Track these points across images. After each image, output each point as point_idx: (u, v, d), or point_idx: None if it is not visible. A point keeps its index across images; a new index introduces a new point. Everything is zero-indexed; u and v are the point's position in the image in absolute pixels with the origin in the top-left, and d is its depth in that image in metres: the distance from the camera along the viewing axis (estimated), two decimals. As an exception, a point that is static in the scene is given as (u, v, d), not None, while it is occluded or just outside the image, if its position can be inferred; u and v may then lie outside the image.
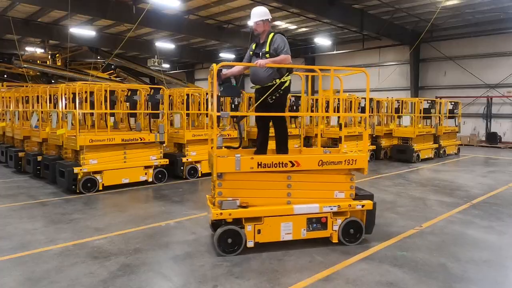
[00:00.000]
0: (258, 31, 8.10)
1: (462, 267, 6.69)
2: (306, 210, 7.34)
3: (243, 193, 7.12)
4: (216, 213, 6.79)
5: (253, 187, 7.23)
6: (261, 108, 7.99)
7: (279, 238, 7.28)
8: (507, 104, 29.34)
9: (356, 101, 19.94)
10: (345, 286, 5.93)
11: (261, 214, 7.12)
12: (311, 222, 7.43)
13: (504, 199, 11.85)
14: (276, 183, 7.34)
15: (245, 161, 6.99)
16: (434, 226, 9.10)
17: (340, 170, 7.64)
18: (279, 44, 7.77)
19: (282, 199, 7.35)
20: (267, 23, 8.14)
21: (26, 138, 15.35)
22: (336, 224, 7.54)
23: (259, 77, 7.89)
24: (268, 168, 7.13)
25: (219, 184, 6.97)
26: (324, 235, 7.55)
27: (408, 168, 18.06)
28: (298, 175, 7.41)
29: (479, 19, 28.97)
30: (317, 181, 7.57)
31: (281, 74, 7.84)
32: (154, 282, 5.95)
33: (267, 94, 7.69)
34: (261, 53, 7.87)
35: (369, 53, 36.06)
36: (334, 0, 24.27)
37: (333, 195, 7.60)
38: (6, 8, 27.79)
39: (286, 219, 7.27)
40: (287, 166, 7.21)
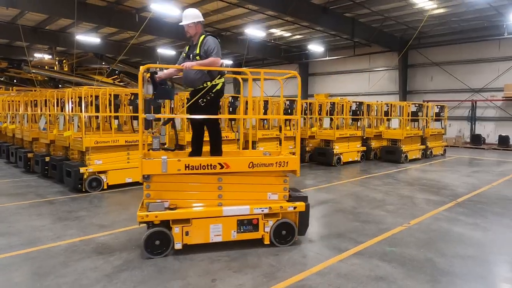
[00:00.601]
0: (190, 34, 7.79)
1: (448, 262, 6.71)
2: (236, 212, 7.05)
3: (172, 195, 6.86)
4: (142, 215, 6.49)
5: (183, 189, 6.97)
6: (193, 111, 7.65)
7: (208, 239, 6.98)
8: (491, 107, 29.39)
9: (348, 105, 19.98)
10: (337, 280, 5.94)
11: (188, 216, 6.84)
12: (242, 223, 7.14)
13: (487, 198, 11.86)
14: (207, 185, 7.05)
15: (172, 163, 6.69)
16: (421, 223, 9.11)
17: (272, 172, 7.37)
18: (210, 46, 7.45)
19: (213, 201, 7.06)
20: (199, 26, 7.78)
21: (35, 140, 15.34)
22: (268, 226, 7.26)
23: (189, 79, 7.62)
24: (196, 170, 6.83)
25: (147, 186, 6.71)
26: (255, 236, 7.25)
27: (397, 168, 18.07)
28: (229, 177, 7.12)
29: (464, 27, 29.07)
30: (249, 183, 7.29)
31: (212, 76, 7.52)
32: (155, 276, 5.95)
33: (198, 97, 7.41)
34: (192, 55, 7.62)
35: (359, 59, 36.06)
36: (326, 9, 24.31)
37: (266, 196, 7.32)
38: (16, 17, 27.78)
39: (215, 221, 6.97)
40: (216, 168, 6.92)
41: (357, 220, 9.30)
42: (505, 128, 28.64)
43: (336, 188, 13.25)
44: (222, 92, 7.86)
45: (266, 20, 28.64)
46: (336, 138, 18.36)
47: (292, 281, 5.88)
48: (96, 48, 34.44)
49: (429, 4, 23.43)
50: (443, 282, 5.92)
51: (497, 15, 25.54)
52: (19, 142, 17.33)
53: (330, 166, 18.28)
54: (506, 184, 14.18)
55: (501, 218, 9.57)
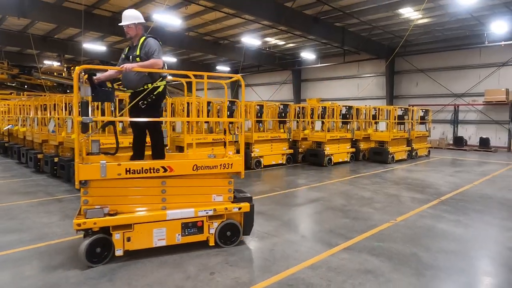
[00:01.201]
0: (130, 35, 7.25)
1: (432, 256, 6.71)
2: (180, 215, 6.60)
3: (112, 200, 6.24)
4: (78, 222, 5.82)
5: (124, 194, 6.35)
6: (134, 113, 7.14)
7: (151, 244, 6.44)
8: (472, 111, 29.45)
9: (338, 109, 20.00)
10: (328, 273, 5.94)
11: (130, 221, 6.24)
12: (187, 226, 6.69)
13: (469, 196, 11.87)
14: (150, 189, 6.51)
15: (111, 168, 6.11)
16: (407, 220, 9.11)
17: (217, 174, 7.02)
18: (151, 47, 7.00)
19: (156, 205, 6.54)
20: (140, 27, 7.29)
21: (44, 142, 15.32)
22: (213, 228, 6.87)
23: (129, 81, 7.02)
24: (138, 174, 6.31)
25: (85, 192, 6.03)
26: (200, 239, 6.82)
27: (384, 168, 18.08)
28: (173, 180, 6.66)
29: (447, 35, 29.21)
30: (193, 185, 6.88)
31: (153, 78, 7.01)
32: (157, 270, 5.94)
33: (138, 99, 6.89)
34: (132, 56, 7.09)
35: (349, 66, 36.10)
36: (318, 19, 24.34)
37: (211, 199, 6.98)
38: (26, 26, 27.94)
39: (159, 225, 6.45)
40: (160, 172, 6.44)
41: (347, 217, 9.30)
42: (486, 131, 28.71)
43: (327, 187, 13.25)
44: (164, 94, 7.40)
45: (261, 29, 28.67)
46: (327, 140, 18.39)
47: (286, 274, 5.88)
48: (102, 55, 34.46)
49: (415, 14, 23.50)
50: (428, 276, 5.92)
51: (478, 25, 25.61)
52: (29, 144, 17.34)
53: (321, 166, 18.30)
54: (486, 183, 14.20)
55: (482, 215, 9.58)
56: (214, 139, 15.45)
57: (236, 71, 43.27)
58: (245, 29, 28.96)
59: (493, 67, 28.06)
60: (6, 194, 11.51)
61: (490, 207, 10.49)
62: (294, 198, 11.46)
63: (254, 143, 16.93)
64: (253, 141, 16.87)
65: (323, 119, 19.33)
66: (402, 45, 27.13)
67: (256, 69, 45.05)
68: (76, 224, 5.83)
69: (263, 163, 17.37)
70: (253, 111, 17.39)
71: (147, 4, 22.91)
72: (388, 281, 5.72)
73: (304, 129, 20.56)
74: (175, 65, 39.33)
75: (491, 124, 28.53)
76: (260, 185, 13.59)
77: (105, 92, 6.95)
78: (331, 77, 38.48)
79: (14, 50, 35.15)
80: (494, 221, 9.13)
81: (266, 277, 5.77)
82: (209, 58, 41.71)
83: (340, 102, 23.56)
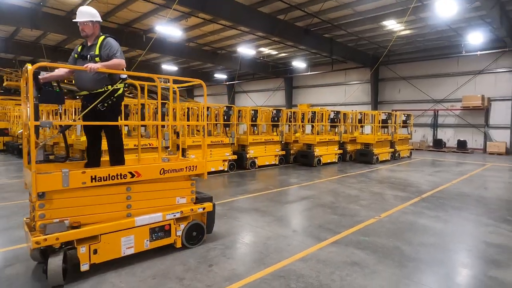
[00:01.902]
0: (86, 33, 6.25)
1: (414, 249, 6.72)
2: (148, 221, 6.02)
3: (73, 211, 5.33)
4: (38, 240, 4.85)
5: (86, 203, 5.46)
6: (90, 117, 6.10)
7: (120, 254, 5.73)
8: (450, 116, 29.50)
9: (326, 113, 20.04)
10: (317, 265, 5.94)
11: (97, 232, 5.42)
12: (154, 231, 6.12)
13: (448, 194, 11.89)
14: (114, 196, 5.73)
15: (75, 176, 5.23)
16: (390, 216, 9.11)
17: (181, 176, 6.57)
18: (112, 47, 6.15)
19: (121, 213, 5.80)
20: (97, 26, 6.33)
21: (55, 144, 15.34)
22: (180, 230, 6.44)
23: (87, 82, 6.08)
24: (105, 181, 5.53)
25: (41, 206, 5.02)
26: (168, 242, 6.34)
27: (369, 168, 18.08)
28: (138, 185, 6.01)
29: (427, 46, 29.33)
30: (159, 189, 6.30)
31: (113, 80, 6.18)
32: (161, 262, 5.94)
33: (98, 101, 5.98)
34: (90, 56, 6.12)
35: (337, 74, 36.07)
36: (308, 31, 24.35)
37: (175, 201, 6.48)
38: (39, 37, 28.01)
39: (127, 232, 5.77)
40: (127, 178, 5.75)
41: (335, 213, 9.29)
42: (463, 134, 28.82)
43: (316, 185, 13.25)
44: (123, 97, 6.59)
45: (256, 40, 28.71)
46: (317, 142, 18.46)
47: (279, 266, 5.88)
48: (109, 64, 34.40)
49: (397, 26, 23.54)
50: (409, 267, 5.93)
51: (456, 36, 25.75)
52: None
53: (311, 166, 18.30)
54: (464, 182, 14.22)
55: (460, 212, 9.59)
56: (212, 141, 15.42)
57: (232, 78, 43.40)
58: (241, 40, 28.95)
59: (470, 75, 28.14)
60: (21, 192, 11.43)
61: (467, 204, 10.51)
62: (286, 196, 11.44)
63: (249, 145, 16.94)
64: (248, 143, 16.89)
65: (313, 123, 19.40)
66: (386, 54, 27.25)
67: (251, 76, 44.96)
68: (35, 243, 4.85)
69: (257, 164, 17.40)
70: (248, 115, 17.38)
71: (150, 17, 22.94)
72: (373, 272, 5.72)
73: (295, 132, 20.57)
74: (176, 73, 39.23)
75: (468, 128, 28.60)
76: (255, 184, 13.57)
77: (51, 93, 5.90)
78: (320, 84, 38.48)
79: (27, 59, 34.97)
80: (471, 217, 9.15)
81: (261, 269, 5.77)
82: (207, 66, 41.68)
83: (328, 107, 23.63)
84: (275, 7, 20.88)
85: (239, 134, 17.28)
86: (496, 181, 14.50)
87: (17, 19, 20.40)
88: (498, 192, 12.35)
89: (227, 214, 9.09)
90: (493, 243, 7.15)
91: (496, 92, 26.94)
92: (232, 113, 16.53)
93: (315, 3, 20.08)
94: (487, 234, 7.76)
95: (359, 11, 21.45)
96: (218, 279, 5.42)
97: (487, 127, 27.56)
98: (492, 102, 27.15)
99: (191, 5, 17.47)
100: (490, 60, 26.88)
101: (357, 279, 5.47)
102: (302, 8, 20.62)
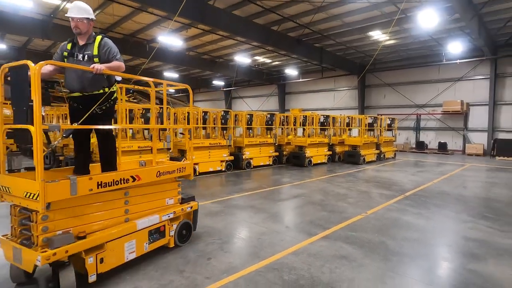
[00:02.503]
0: (80, 30, 5.43)
1: (398, 244, 6.73)
2: (148, 223, 5.71)
3: (77, 221, 4.76)
4: (46, 255, 4.20)
5: (90, 211, 4.95)
6: (86, 119, 5.24)
7: (123, 260, 5.33)
8: (432, 119, 29.55)
9: (317, 117, 20.07)
10: (308, 258, 5.94)
11: (104, 240, 4.96)
12: (151, 234, 5.82)
13: (429, 192, 11.91)
14: (114, 202, 5.29)
15: (82, 183, 4.60)
16: (376, 213, 9.12)
17: (172, 178, 6.32)
18: (112, 48, 5.51)
19: (120, 218, 5.39)
20: (92, 24, 5.56)
21: (65, 146, 15.36)
22: (172, 230, 6.24)
23: (80, 83, 5.33)
24: (109, 187, 5.02)
25: (44, 218, 4.34)
26: (163, 243, 6.10)
27: (357, 168, 18.09)
28: (135, 189, 5.62)
29: (410, 54, 29.43)
30: (153, 192, 5.99)
31: (110, 82, 5.61)
32: (163, 256, 5.92)
33: (98, 104, 5.37)
34: (87, 55, 5.39)
35: (326, 80, 36.11)
36: (300, 41, 24.39)
37: (165, 202, 6.24)
38: (49, 46, 28.07)
39: (129, 237, 5.40)
40: (129, 182, 5.33)
41: (325, 210, 9.29)
42: (444, 136, 28.88)
43: (307, 184, 13.24)
44: (116, 100, 5.94)
45: (251, 49, 28.72)
46: (308, 144, 18.49)
47: (272, 259, 5.88)
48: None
49: (383, 36, 23.60)
50: (394, 261, 5.93)
51: (437, 45, 25.84)
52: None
53: (302, 167, 18.30)
54: (444, 181, 14.25)
55: (441, 209, 9.61)
56: (210, 143, 15.43)
57: (229, 85, 43.43)
58: (238, 49, 28.92)
59: (450, 81, 28.20)
60: None
61: (447, 202, 10.53)
62: (279, 194, 11.43)
63: (245, 147, 16.91)
64: (244, 145, 16.87)
65: (304, 126, 19.39)
66: (372, 62, 27.29)
67: (247, 83, 44.89)
68: (45, 259, 4.20)
69: (252, 164, 17.40)
70: (244, 119, 17.36)
71: (153, 28, 22.93)
72: (360, 265, 5.72)
73: (288, 135, 20.61)
74: (177, 80, 39.18)
75: (448, 131, 28.67)
76: (250, 183, 13.55)
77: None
78: (311, 90, 38.46)
79: (38, 67, 35.06)
80: (451, 214, 9.16)
81: (255, 262, 5.76)
82: (206, 74, 41.58)
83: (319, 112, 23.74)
84: (269, 18, 20.91)
85: (236, 137, 17.27)
86: (474, 181, 14.53)
87: (29, 30, 20.44)
88: (476, 191, 12.38)
89: (225, 211, 9.08)
90: (472, 238, 7.17)
91: (474, 97, 27.02)
92: (229, 117, 16.52)
93: (306, 15, 20.12)
94: (466, 230, 7.78)
95: (347, 22, 21.49)
96: (216, 271, 5.41)
97: (466, 130, 27.63)
98: (471, 107, 27.23)
99: (191, 17, 17.46)
100: (469, 68, 26.99)
101: (345, 272, 5.48)
102: (294, 19, 20.68)
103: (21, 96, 4.31)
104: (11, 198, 4.60)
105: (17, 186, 4.45)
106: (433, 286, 5.10)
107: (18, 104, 4.40)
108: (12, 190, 4.53)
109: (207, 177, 14.45)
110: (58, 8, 19.33)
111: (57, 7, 19.30)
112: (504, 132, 25.85)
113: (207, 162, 15.24)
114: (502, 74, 25.66)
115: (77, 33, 5.48)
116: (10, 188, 4.54)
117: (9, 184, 4.56)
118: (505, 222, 8.44)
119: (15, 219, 4.65)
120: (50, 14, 20.15)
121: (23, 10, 19.45)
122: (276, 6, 18.75)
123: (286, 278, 5.24)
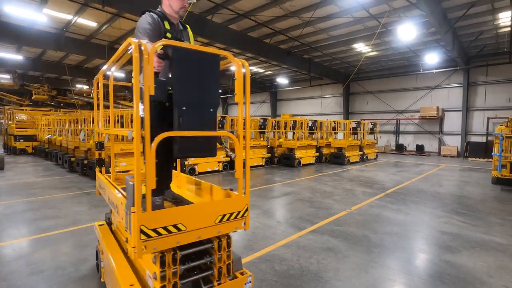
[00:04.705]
0: (183, 12, 4.15)
1: (379, 237, 6.74)
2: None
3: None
4: None
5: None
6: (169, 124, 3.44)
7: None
8: (410, 124, 29.63)
9: (305, 122, 20.09)
10: (297, 250, 5.93)
11: None
12: None
13: (408, 190, 11.95)
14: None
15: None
16: (359, 209, 9.13)
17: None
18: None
19: None
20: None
21: (76, 148, 15.35)
22: None
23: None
24: None
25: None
26: None
27: (342, 168, 18.11)
28: None
29: (391, 65, 29.58)
30: None
31: None
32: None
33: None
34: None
35: (314, 88, 36.17)
36: (290, 52, 24.48)
37: None
38: (62, 57, 27.97)
39: None
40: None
41: (313, 206, 9.30)
42: (421, 139, 28.98)
43: (297, 183, 13.25)
44: None
45: (246, 60, 28.52)
46: (297, 146, 18.48)
47: (265, 251, 5.87)
48: (122, 80, 34.22)
49: (365, 48, 23.68)
50: (376, 252, 5.95)
51: (415, 56, 25.93)
52: (64, 150, 17.75)
53: (292, 167, 18.29)
54: (421, 180, 14.29)
55: (418, 206, 9.64)
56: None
57: (226, 93, 43.41)
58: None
59: (427, 89, 28.29)
60: (46, 188, 11.40)
61: (424, 199, 10.56)
62: (271, 192, 11.42)
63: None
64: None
65: (294, 130, 19.42)
66: (356, 72, 27.47)
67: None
68: None
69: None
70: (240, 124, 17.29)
71: (157, 40, 22.87)
72: (345, 256, 5.73)
73: (279, 138, 20.63)
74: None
75: (425, 134, 28.75)
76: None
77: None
78: (300, 97, 38.47)
79: (53, 76, 34.85)
80: (427, 210, 9.19)
81: (250, 254, 5.75)
82: (205, 82, 41.48)
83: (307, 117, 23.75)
84: (262, 32, 20.93)
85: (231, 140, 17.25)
86: (449, 179, 14.58)
87: (44, 42, 20.37)
88: (451, 189, 12.41)
89: (222, 207, 9.05)
90: (446, 232, 7.20)
91: (449, 104, 27.11)
92: (225, 122, 16.54)
93: (296, 29, 20.15)
94: (441, 224, 7.81)
95: (333, 35, 21.53)
96: (214, 263, 5.40)
97: (441, 133, 27.72)
98: (446, 112, 27.32)
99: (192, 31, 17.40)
100: (444, 77, 27.10)
101: (331, 263, 5.48)
102: (285, 33, 20.71)
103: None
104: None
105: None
106: (411, 275, 5.11)
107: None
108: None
109: (205, 176, 14.43)
110: (70, 22, 19.27)
111: (69, 22, 19.23)
112: (475, 135, 25.97)
113: (206, 162, 15.24)
114: (474, 83, 25.78)
115: (182, 14, 4.16)
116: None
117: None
118: (477, 217, 8.48)
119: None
120: (63, 28, 20.09)
121: (38, 25, 19.41)
122: (268, 20, 18.78)
123: (278, 268, 5.24)
